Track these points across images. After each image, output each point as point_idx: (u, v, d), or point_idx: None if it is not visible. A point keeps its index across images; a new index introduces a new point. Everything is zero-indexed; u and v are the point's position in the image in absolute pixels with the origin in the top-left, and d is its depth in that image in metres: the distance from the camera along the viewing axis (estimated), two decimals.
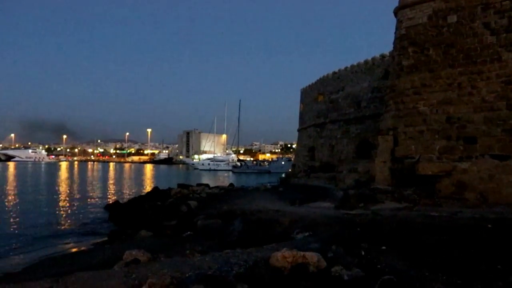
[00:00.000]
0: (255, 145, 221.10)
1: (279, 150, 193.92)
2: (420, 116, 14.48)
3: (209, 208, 14.77)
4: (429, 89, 14.43)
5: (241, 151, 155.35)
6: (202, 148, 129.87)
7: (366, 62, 24.73)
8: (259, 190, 22.48)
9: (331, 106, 27.76)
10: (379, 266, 5.47)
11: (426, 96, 14.48)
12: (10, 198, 27.51)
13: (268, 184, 27.81)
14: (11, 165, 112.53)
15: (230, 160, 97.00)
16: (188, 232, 11.08)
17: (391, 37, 16.69)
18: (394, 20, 16.37)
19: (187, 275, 4.98)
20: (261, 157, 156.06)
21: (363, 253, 5.99)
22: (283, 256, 5.27)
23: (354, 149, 24.27)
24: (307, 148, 31.59)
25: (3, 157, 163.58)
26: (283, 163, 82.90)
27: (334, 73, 28.20)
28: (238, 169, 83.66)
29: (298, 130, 36.12)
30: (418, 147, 14.28)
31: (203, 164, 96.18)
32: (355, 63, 25.94)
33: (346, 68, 26.85)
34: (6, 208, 21.72)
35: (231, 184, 32.49)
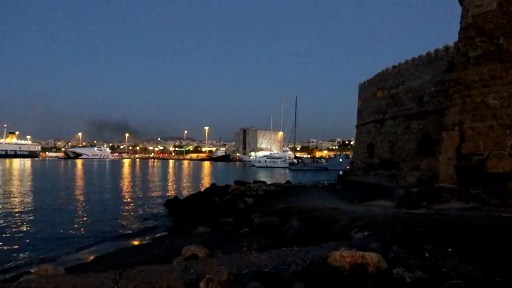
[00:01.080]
0: (312, 142, 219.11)
1: (337, 147, 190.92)
2: (490, 110, 13.55)
3: (266, 205, 14.77)
4: (499, 81, 13.46)
5: (298, 148, 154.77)
6: (258, 146, 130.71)
7: (428, 54, 23.56)
8: (316, 188, 22.22)
9: (391, 101, 26.80)
10: (444, 270, 5.15)
11: (496, 88, 13.52)
12: (78, 193, 29.27)
13: (326, 182, 27.43)
14: (79, 162, 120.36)
15: (287, 157, 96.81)
16: (245, 229, 11.14)
17: (456, 28, 15.79)
18: (459, 10, 15.46)
19: (244, 272, 4.97)
20: (318, 154, 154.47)
21: (427, 255, 5.67)
22: (341, 256, 5.11)
23: (416, 145, 23.27)
24: (365, 145, 30.77)
25: (72, 155, 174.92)
26: (340, 160, 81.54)
27: (394, 67, 27.17)
28: (295, 166, 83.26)
29: (357, 127, 35.27)
30: (487, 144, 13.37)
31: (259, 161, 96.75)
32: (416, 56, 24.81)
33: (406, 61, 25.75)
34: (75, 203, 23.08)
35: (287, 182, 32.40)
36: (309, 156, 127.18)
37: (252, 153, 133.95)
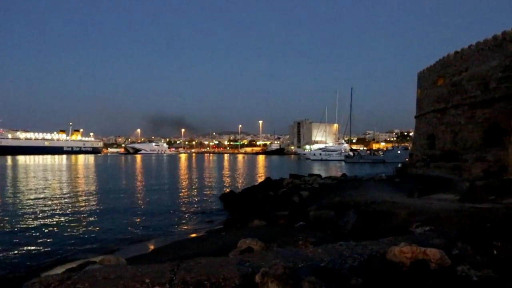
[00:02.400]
0: (369, 134, 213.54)
1: (395, 139, 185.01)
2: None
3: (321, 198, 14.60)
4: None
5: (354, 141, 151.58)
6: (313, 138, 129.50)
7: (495, 38, 22.01)
8: (374, 181, 21.64)
9: (454, 89, 25.39)
10: None
11: None
12: (138, 187, 30.56)
13: (383, 175, 26.66)
14: (138, 157, 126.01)
15: (343, 149, 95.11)
16: (300, 223, 11.08)
17: None
18: None
19: (299, 266, 4.92)
20: (375, 146, 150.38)
21: (495, 252, 5.32)
22: (401, 251, 4.91)
23: (481, 135, 21.90)
24: (426, 136, 29.45)
25: (131, 150, 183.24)
26: (399, 152, 78.90)
27: (456, 52, 25.69)
28: (351, 159, 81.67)
29: (416, 117, 33.83)
30: None
31: (314, 154, 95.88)
32: (481, 40, 23.26)
33: (470, 46, 24.23)
34: (135, 197, 24.11)
35: (343, 175, 31.87)
36: (365, 148, 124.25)
37: (307, 146, 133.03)
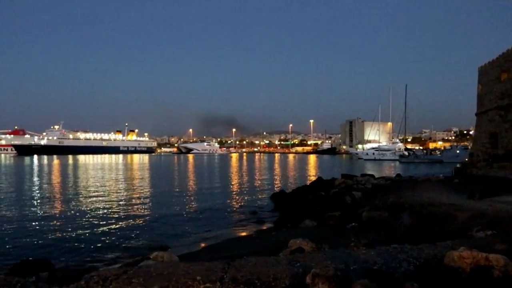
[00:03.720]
0: (425, 132, 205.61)
1: (453, 138, 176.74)
2: None
3: (375, 199, 14.22)
4: None
5: (409, 140, 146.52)
6: (366, 137, 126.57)
7: None
8: (430, 182, 20.77)
9: None
10: None
11: None
12: (190, 186, 31.27)
13: (441, 175, 25.52)
14: (190, 156, 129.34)
15: (397, 149, 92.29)
16: (352, 224, 10.86)
17: None
18: None
19: (351, 268, 4.80)
20: (431, 145, 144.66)
21: None
22: (460, 256, 4.66)
23: None
24: (488, 134, 27.86)
25: (184, 150, 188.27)
26: (458, 151, 75.40)
27: None
28: (406, 158, 79.04)
29: (476, 114, 32.09)
30: None
31: (367, 154, 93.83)
32: None
33: None
34: (187, 195, 24.68)
35: (398, 175, 30.86)
36: (421, 147, 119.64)
37: (359, 146, 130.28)
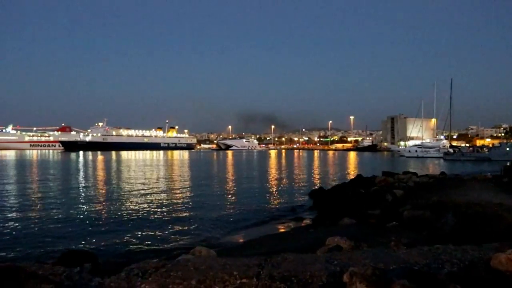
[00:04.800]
0: (471, 129, 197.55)
1: (502, 134, 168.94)
2: None
3: (417, 198, 13.80)
4: None
5: (454, 136, 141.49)
6: (408, 134, 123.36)
7: None
8: (477, 180, 19.92)
9: None
10: None
11: None
12: (229, 181, 31.65)
13: (489, 174, 24.40)
14: (229, 153, 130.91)
15: (441, 146, 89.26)
16: (393, 222, 10.58)
17: None
18: None
19: (391, 267, 4.68)
20: (478, 142, 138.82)
21: None
22: (508, 259, 4.44)
23: None
24: None
25: (223, 146, 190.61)
26: (507, 149, 71.98)
27: None
28: (451, 156, 76.32)
29: None
30: None
31: (409, 151, 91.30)
32: None
33: None
34: (226, 191, 24.95)
35: (442, 173, 29.80)
36: (467, 144, 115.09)
37: (401, 143, 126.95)
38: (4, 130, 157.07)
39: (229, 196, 22.50)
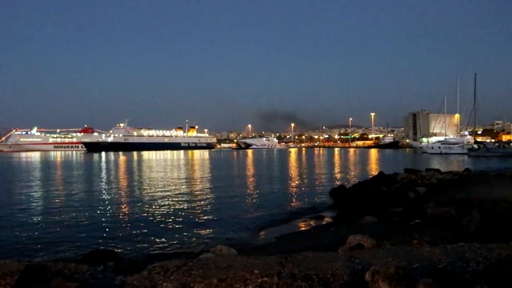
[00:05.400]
0: (497, 124, 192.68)
1: None
2: None
3: (440, 195, 13.57)
4: None
5: (479, 132, 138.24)
6: (431, 130, 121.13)
7: None
8: (503, 177, 19.46)
9: None
10: None
11: None
12: (248, 180, 31.73)
13: None
14: (249, 152, 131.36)
15: (465, 142, 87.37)
16: (416, 220, 10.42)
17: None
18: None
19: (414, 266, 4.61)
20: (504, 138, 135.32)
21: None
22: None
23: None
24: None
25: (243, 145, 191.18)
26: None
27: None
28: (475, 152, 74.61)
29: None
30: None
31: (432, 148, 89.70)
32: None
33: None
34: (245, 189, 24.98)
35: (466, 170, 29.19)
36: (493, 140, 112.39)
37: (424, 139, 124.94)
38: (29, 132, 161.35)
39: (250, 194, 22.55)
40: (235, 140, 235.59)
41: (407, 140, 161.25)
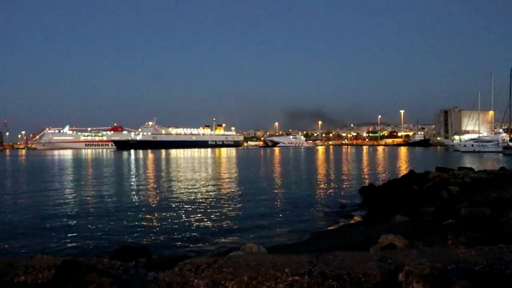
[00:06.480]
0: None
1: None
2: None
3: (474, 194, 13.16)
4: None
5: None
6: (463, 128, 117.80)
7: None
8: None
9: None
10: None
11: None
12: (276, 178, 31.71)
13: None
14: (276, 150, 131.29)
15: (500, 140, 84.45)
16: (449, 220, 10.14)
17: None
18: None
19: (449, 267, 4.46)
20: None
21: None
22: None
23: None
24: None
25: (269, 143, 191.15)
26: None
27: None
28: (511, 150, 72.07)
29: None
30: None
31: (465, 146, 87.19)
32: None
33: None
34: (274, 188, 24.91)
35: (502, 168, 28.20)
36: None
37: (456, 137, 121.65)
38: (61, 131, 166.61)
39: (278, 193, 22.52)
40: (262, 138, 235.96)
41: (438, 138, 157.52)
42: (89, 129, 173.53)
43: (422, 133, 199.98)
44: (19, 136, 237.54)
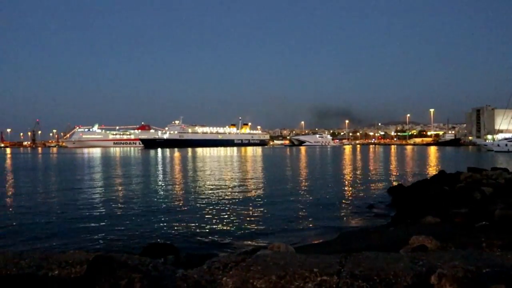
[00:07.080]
0: None
1: None
2: None
3: (509, 196, 12.73)
4: None
5: None
6: (496, 127, 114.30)
7: None
8: None
9: None
10: None
11: None
12: (303, 178, 31.44)
13: None
14: (302, 149, 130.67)
15: None
16: (482, 222, 9.84)
17: None
18: None
19: (483, 270, 4.33)
20: None
21: None
22: None
23: None
24: None
25: (296, 142, 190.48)
26: None
27: None
28: None
29: None
30: None
31: (498, 145, 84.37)
32: None
33: None
34: (300, 188, 24.67)
35: None
36: None
37: (489, 136, 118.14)
38: (91, 130, 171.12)
39: (305, 192, 22.39)
40: (288, 137, 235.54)
41: (470, 137, 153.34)
42: (117, 127, 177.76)
43: (453, 132, 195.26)
44: (51, 134, 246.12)
